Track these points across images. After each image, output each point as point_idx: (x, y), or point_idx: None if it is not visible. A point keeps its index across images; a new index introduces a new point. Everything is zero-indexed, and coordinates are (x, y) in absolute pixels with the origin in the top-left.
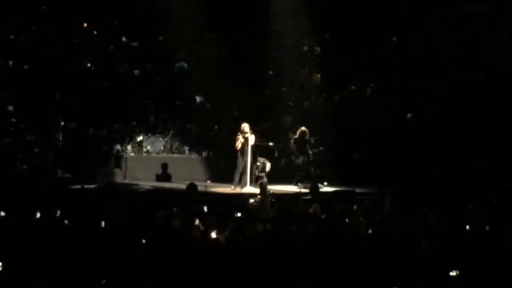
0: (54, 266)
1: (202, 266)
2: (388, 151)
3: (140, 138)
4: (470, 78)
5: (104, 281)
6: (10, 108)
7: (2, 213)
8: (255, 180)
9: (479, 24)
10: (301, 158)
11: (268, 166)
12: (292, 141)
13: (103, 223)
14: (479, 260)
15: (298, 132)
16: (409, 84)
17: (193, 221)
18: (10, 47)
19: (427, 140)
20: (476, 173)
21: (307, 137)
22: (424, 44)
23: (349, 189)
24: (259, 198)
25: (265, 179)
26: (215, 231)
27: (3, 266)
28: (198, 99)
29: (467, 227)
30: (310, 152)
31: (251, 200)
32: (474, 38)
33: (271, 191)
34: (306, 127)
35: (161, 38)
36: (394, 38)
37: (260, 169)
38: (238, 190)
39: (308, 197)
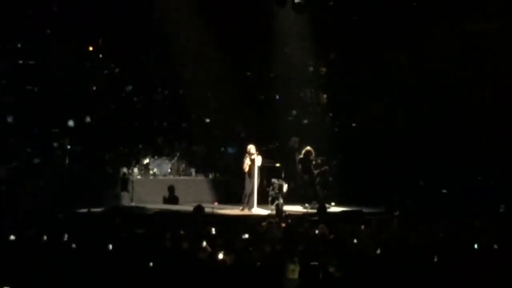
0: None
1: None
2: (395, 170)
3: (146, 160)
4: (478, 95)
5: None
6: (17, 131)
7: (12, 237)
8: (271, 201)
9: (487, 41)
10: (306, 178)
11: (285, 187)
12: (297, 161)
13: (110, 246)
14: (488, 278)
15: (302, 152)
16: (416, 103)
17: (201, 243)
18: (16, 70)
19: (434, 158)
20: (483, 189)
21: (312, 157)
22: (431, 63)
23: (356, 209)
24: (275, 220)
25: (281, 200)
26: (223, 252)
27: None
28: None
29: (475, 245)
30: (315, 172)
31: (270, 220)
32: (482, 56)
33: (286, 212)
34: (312, 147)
35: (167, 59)
36: (402, 58)
37: (276, 190)
38: (246, 211)
39: (316, 217)
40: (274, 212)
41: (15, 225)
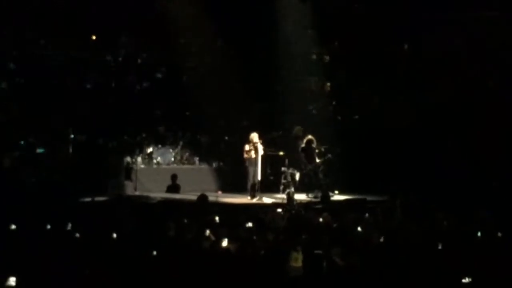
0: (66, 279)
1: (213, 276)
2: (398, 158)
3: (150, 149)
4: (481, 84)
5: None
6: (20, 120)
7: (13, 226)
8: (282, 190)
9: (490, 29)
10: (309, 167)
11: (297, 175)
12: (299, 149)
13: (114, 235)
14: (491, 267)
15: (305, 141)
16: (420, 91)
17: (204, 231)
18: (19, 60)
19: (438, 146)
20: (488, 178)
21: (314, 145)
22: (435, 51)
23: (360, 197)
24: (281, 208)
25: (292, 189)
26: (226, 241)
27: (17, 280)
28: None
29: (479, 233)
30: (318, 161)
31: (279, 210)
32: (485, 44)
33: (297, 201)
34: (315, 135)
35: (170, 48)
36: (405, 45)
37: (288, 179)
38: (254, 200)
39: (319, 206)
40: (279, 200)
41: (18, 214)
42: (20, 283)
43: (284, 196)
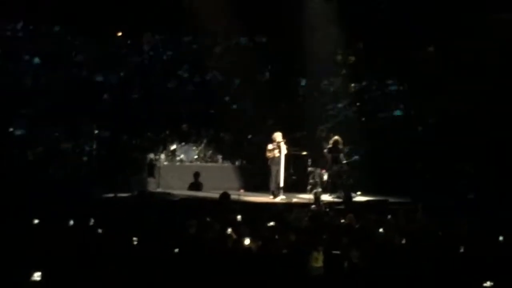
0: (89, 275)
1: (234, 275)
2: (421, 160)
3: (173, 146)
4: (507, 88)
5: None
6: (45, 116)
7: (36, 221)
8: (309, 190)
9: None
10: (334, 168)
11: (325, 176)
12: (325, 150)
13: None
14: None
15: (331, 142)
16: (445, 94)
17: (226, 230)
18: (43, 55)
19: (461, 149)
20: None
21: (340, 146)
22: (460, 53)
23: (382, 198)
24: (308, 208)
25: (319, 189)
26: (248, 239)
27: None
28: None
29: (501, 237)
30: (344, 161)
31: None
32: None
33: (324, 201)
34: (339, 136)
35: (195, 47)
36: (431, 48)
37: (316, 179)
38: (276, 199)
39: (341, 206)
40: (302, 200)
41: (41, 209)
42: (44, 278)
43: (309, 196)
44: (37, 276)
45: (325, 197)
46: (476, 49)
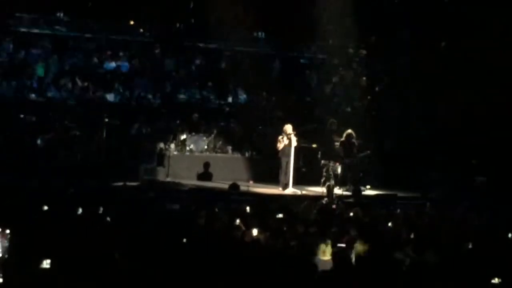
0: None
1: (242, 265)
2: (431, 155)
3: (183, 136)
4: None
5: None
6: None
7: (46, 207)
8: (323, 182)
9: None
10: (346, 161)
11: (339, 169)
12: (338, 143)
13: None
14: None
15: (344, 135)
16: (456, 89)
17: (235, 221)
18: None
19: (470, 145)
20: None
21: (353, 139)
22: (473, 49)
23: (391, 193)
24: (326, 201)
25: (332, 182)
26: (257, 230)
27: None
28: None
29: (510, 234)
30: (358, 155)
31: (321, 201)
32: None
33: (337, 194)
34: (352, 130)
35: (207, 36)
36: (443, 43)
37: (330, 172)
38: (286, 191)
39: (351, 200)
40: (311, 193)
41: (51, 197)
42: (54, 266)
43: (320, 188)
44: (46, 263)
45: (335, 190)
46: (487, 46)
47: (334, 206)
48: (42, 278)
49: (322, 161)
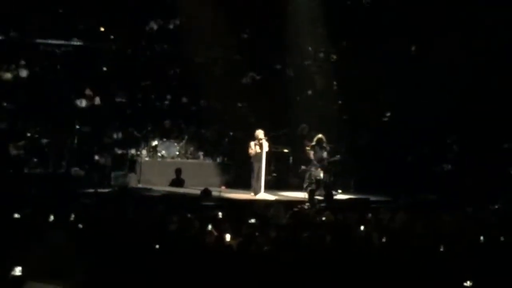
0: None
1: (214, 272)
2: (403, 158)
3: (155, 142)
4: (487, 88)
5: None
6: (26, 110)
7: (17, 215)
8: (305, 188)
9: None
10: (317, 166)
11: (321, 174)
12: (308, 148)
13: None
14: (493, 271)
15: (315, 140)
16: (427, 93)
17: (207, 226)
18: (25, 50)
19: (444, 147)
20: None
21: (324, 144)
22: (443, 53)
23: (363, 197)
24: (307, 205)
25: (314, 187)
26: (229, 236)
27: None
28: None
29: (481, 237)
30: (326, 159)
31: (303, 206)
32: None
33: (317, 199)
34: (322, 134)
35: (179, 42)
36: (413, 47)
37: (312, 177)
38: (257, 196)
39: (323, 204)
40: (282, 198)
41: (22, 204)
42: (25, 273)
43: (293, 193)
44: (18, 271)
45: (305, 195)
46: (457, 47)
47: (314, 210)
48: (13, 286)
49: (302, 167)
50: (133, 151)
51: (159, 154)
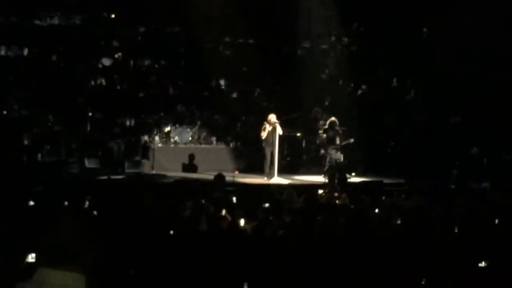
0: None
1: (229, 257)
2: (417, 141)
3: (168, 128)
4: (502, 73)
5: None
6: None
7: (32, 203)
8: (325, 172)
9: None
10: (330, 149)
11: (341, 157)
12: (321, 131)
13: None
14: (508, 251)
15: (327, 123)
16: (438, 76)
17: (221, 211)
18: (37, 36)
19: (455, 130)
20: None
21: (337, 127)
22: (454, 36)
23: (377, 179)
24: (327, 189)
25: (334, 171)
26: (243, 221)
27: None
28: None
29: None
30: (339, 143)
31: (320, 191)
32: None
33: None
34: (335, 117)
35: (190, 26)
36: (424, 29)
37: (332, 161)
38: (271, 181)
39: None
40: (296, 182)
41: (36, 191)
42: (39, 260)
43: (306, 178)
44: (31, 258)
45: (320, 178)
46: (471, 31)
47: (336, 195)
48: (27, 273)
49: (322, 151)
50: (146, 138)
51: (172, 140)
